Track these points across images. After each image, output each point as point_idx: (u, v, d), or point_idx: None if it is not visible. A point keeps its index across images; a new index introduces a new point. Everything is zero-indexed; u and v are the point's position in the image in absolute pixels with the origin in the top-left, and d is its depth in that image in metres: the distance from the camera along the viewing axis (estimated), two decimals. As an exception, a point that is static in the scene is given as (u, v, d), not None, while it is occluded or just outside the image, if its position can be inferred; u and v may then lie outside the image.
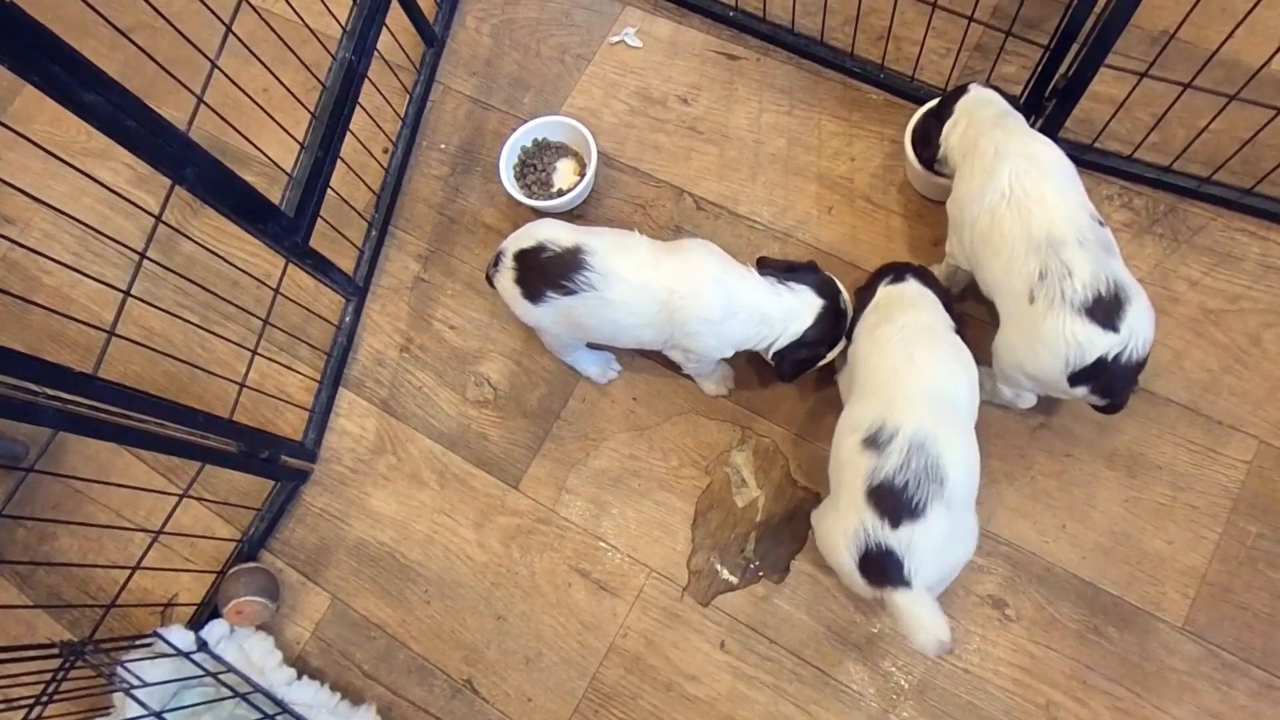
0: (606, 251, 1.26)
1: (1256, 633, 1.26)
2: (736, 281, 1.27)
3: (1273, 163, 1.35)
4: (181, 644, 1.36)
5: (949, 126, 1.32)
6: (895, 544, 1.06)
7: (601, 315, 1.28)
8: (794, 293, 1.28)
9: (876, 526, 1.06)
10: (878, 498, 1.07)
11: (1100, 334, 1.10)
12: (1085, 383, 1.15)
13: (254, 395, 1.55)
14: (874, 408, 1.14)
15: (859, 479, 1.10)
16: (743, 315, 1.26)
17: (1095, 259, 1.12)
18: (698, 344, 1.29)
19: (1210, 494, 1.33)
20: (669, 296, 1.25)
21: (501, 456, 1.54)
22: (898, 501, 1.06)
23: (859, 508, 1.09)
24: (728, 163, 1.64)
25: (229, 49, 1.19)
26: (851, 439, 1.14)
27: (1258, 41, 1.47)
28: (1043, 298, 1.12)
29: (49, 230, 1.84)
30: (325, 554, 1.54)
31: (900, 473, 1.07)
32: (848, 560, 1.10)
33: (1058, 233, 1.13)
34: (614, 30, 1.78)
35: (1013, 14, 1.39)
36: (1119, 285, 1.11)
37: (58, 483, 1.63)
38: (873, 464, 1.09)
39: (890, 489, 1.07)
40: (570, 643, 1.42)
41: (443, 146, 1.77)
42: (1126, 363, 1.12)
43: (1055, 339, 1.12)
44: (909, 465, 1.07)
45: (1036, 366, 1.17)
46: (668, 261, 1.26)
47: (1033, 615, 1.32)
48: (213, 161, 1.19)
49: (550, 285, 1.27)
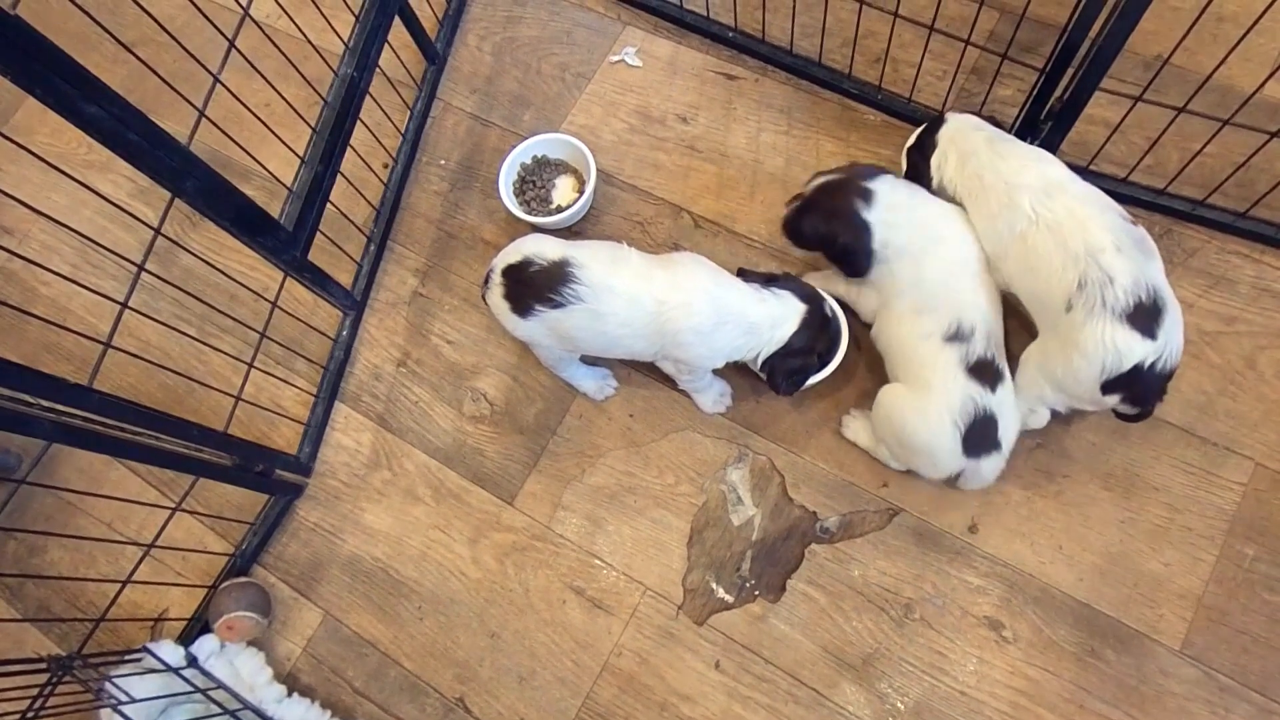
0: (594, 264, 1.27)
1: (1254, 656, 1.26)
2: (724, 291, 1.28)
3: (1266, 186, 1.37)
4: (171, 659, 1.35)
5: (938, 160, 1.32)
6: (995, 406, 1.23)
7: (591, 327, 1.28)
8: (777, 298, 1.29)
9: (982, 394, 1.22)
10: (978, 372, 1.23)
11: (1140, 341, 1.11)
12: (1118, 390, 1.15)
13: (249, 409, 1.55)
14: (944, 314, 1.25)
15: (953, 364, 1.23)
16: (731, 324, 1.27)
17: (1135, 264, 1.12)
18: (689, 354, 1.29)
19: (1206, 516, 1.33)
20: (659, 308, 1.25)
21: (497, 472, 1.54)
22: (991, 371, 1.24)
23: (963, 383, 1.22)
24: (726, 181, 1.65)
25: (231, 64, 1.19)
26: (929, 343, 1.25)
27: (1250, 67, 1.49)
28: (1081, 306, 1.13)
29: (48, 241, 1.84)
30: (318, 569, 1.52)
31: (986, 349, 1.24)
32: (952, 435, 1.23)
33: (1094, 241, 1.14)
34: (614, 49, 1.80)
35: (1009, 37, 1.41)
36: (1158, 292, 1.12)
37: (50, 495, 1.62)
38: (963, 350, 1.23)
39: (984, 362, 1.23)
40: (564, 661, 1.41)
41: (443, 162, 1.78)
42: (1160, 371, 1.13)
43: (1094, 346, 1.12)
44: (990, 342, 1.25)
45: (1069, 373, 1.17)
46: (658, 273, 1.27)
47: (1030, 637, 1.31)
48: (213, 175, 1.19)
49: (538, 299, 1.27)
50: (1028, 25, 1.48)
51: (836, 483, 1.43)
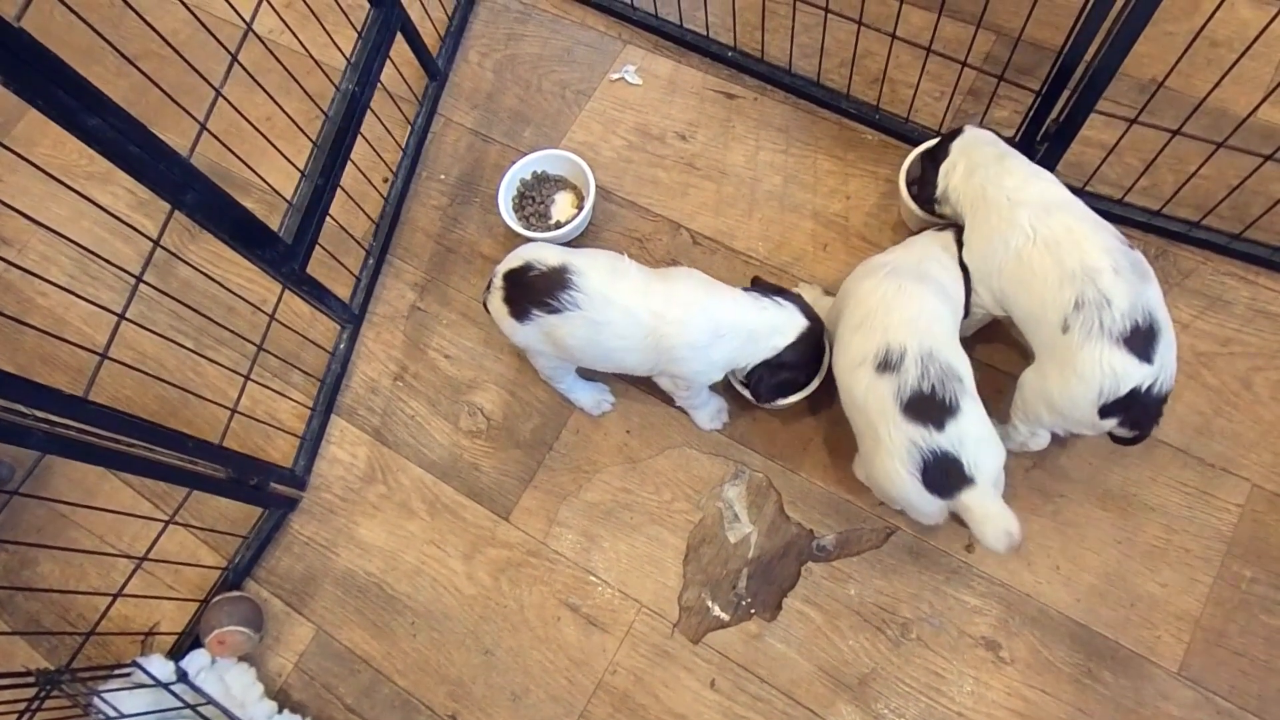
0: (593, 272, 1.27)
1: (1252, 679, 1.25)
2: (721, 304, 1.28)
3: (1260, 209, 1.38)
4: (161, 674, 1.33)
5: (947, 168, 1.33)
6: (948, 444, 1.11)
7: (586, 336, 1.28)
8: (780, 307, 1.29)
9: (925, 436, 1.12)
10: (914, 410, 1.12)
11: (1136, 365, 1.11)
12: (1116, 414, 1.15)
13: (245, 421, 1.54)
14: (871, 338, 1.18)
15: (888, 403, 1.14)
16: (729, 335, 1.27)
17: (1132, 287, 1.12)
18: (685, 369, 1.29)
19: (1204, 537, 1.32)
20: (656, 322, 1.25)
21: (493, 487, 1.53)
22: (932, 405, 1.12)
23: (901, 427, 1.13)
24: (724, 199, 1.66)
25: (234, 77, 1.20)
26: (861, 370, 1.18)
27: (1243, 90, 1.51)
28: (1079, 327, 1.13)
29: (46, 252, 1.84)
30: (311, 584, 1.51)
31: (923, 381, 1.13)
32: (911, 484, 1.13)
33: (1092, 262, 1.14)
34: (614, 68, 1.81)
35: (1005, 59, 1.42)
36: (1154, 316, 1.12)
37: (42, 506, 1.61)
38: (895, 384, 1.14)
39: (920, 397, 1.12)
40: (558, 679, 1.40)
41: (442, 177, 1.78)
42: (1157, 394, 1.13)
43: (1091, 369, 1.12)
44: (928, 373, 1.13)
45: (1066, 397, 1.17)
46: (655, 287, 1.27)
47: (1027, 658, 1.30)
48: (213, 187, 1.20)
49: (535, 303, 1.28)
50: (1024, 48, 1.50)
51: (833, 500, 1.43)
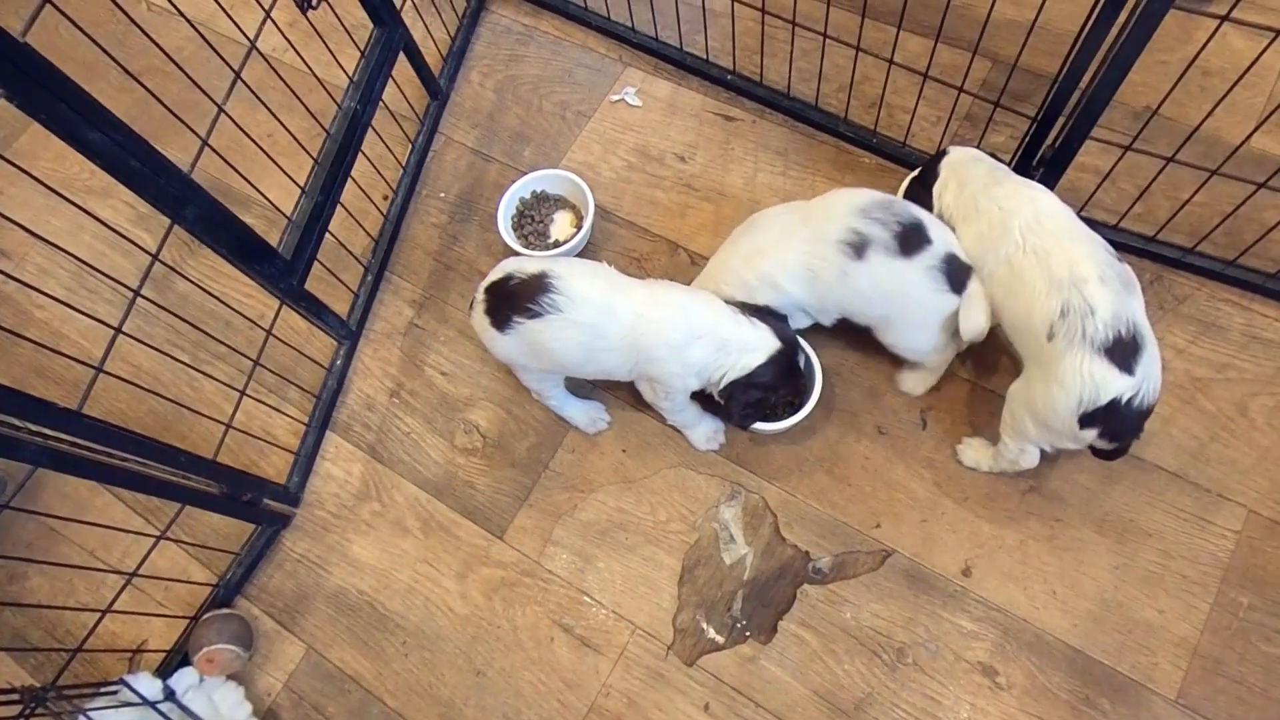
0: (572, 276, 1.28)
1: (1251, 708, 1.24)
2: (700, 307, 1.29)
3: (1254, 235, 1.39)
4: (148, 692, 1.31)
5: (939, 189, 1.34)
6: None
7: (568, 339, 1.28)
8: (754, 326, 1.30)
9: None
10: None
11: (1117, 375, 1.11)
12: (1095, 425, 1.15)
13: (239, 437, 1.54)
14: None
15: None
16: (705, 339, 1.27)
17: (1117, 297, 1.13)
18: (661, 370, 1.30)
19: (1201, 563, 1.32)
20: (636, 320, 1.26)
21: (487, 506, 1.52)
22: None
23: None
24: (723, 219, 1.67)
25: (236, 94, 1.21)
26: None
27: (1237, 119, 1.52)
28: (1062, 335, 1.14)
29: (44, 265, 1.84)
30: (303, 601, 1.50)
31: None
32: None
33: (1079, 270, 1.15)
34: (615, 89, 1.83)
35: (1001, 86, 1.44)
36: (1137, 328, 1.13)
37: (33, 521, 1.60)
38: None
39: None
40: (551, 701, 1.38)
41: (442, 195, 1.79)
42: (1137, 408, 1.13)
43: (1072, 377, 1.13)
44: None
45: (1048, 405, 1.17)
46: (636, 289, 1.29)
47: (1024, 684, 1.29)
48: (213, 203, 1.20)
49: (516, 310, 1.28)
50: (1020, 75, 1.51)
51: (829, 523, 1.42)
